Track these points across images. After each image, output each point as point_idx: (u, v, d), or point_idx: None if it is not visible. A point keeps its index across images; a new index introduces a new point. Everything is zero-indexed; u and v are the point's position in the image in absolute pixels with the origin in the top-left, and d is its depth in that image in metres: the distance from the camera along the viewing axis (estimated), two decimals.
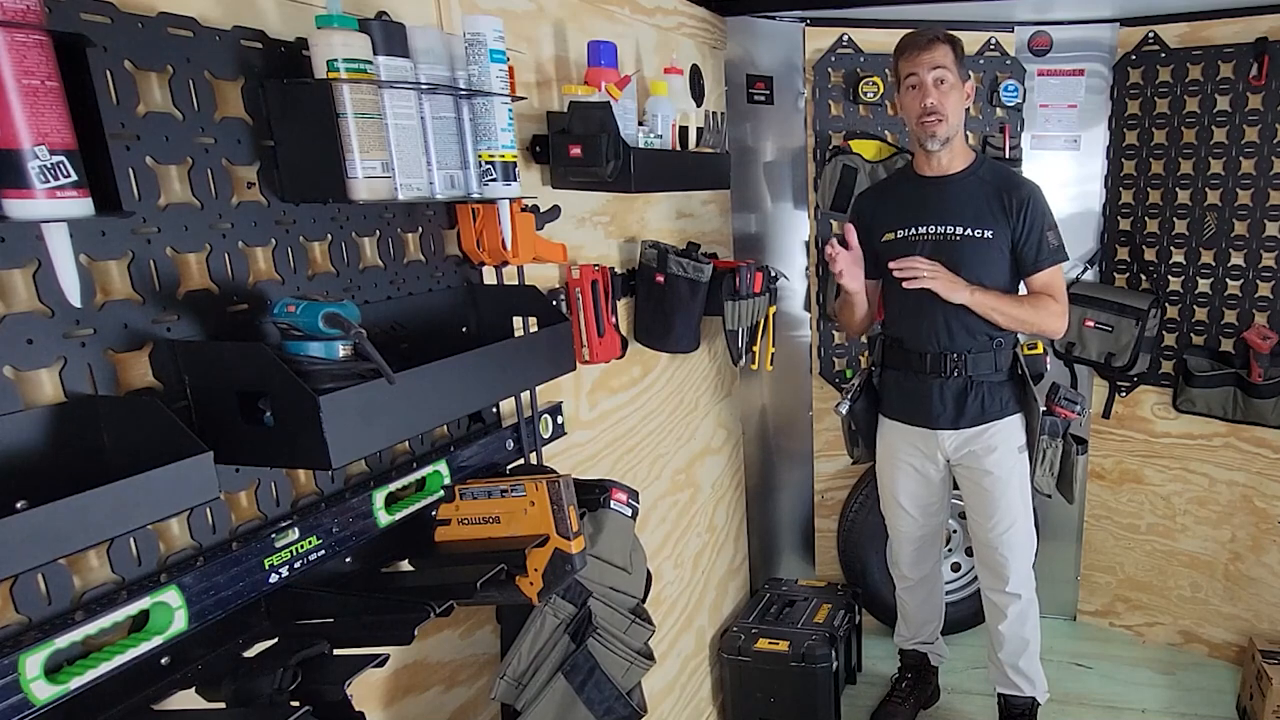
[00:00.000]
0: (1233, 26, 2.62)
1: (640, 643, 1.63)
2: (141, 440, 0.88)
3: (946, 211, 2.20)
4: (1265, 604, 2.91)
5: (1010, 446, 2.32)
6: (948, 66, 2.10)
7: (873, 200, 2.38)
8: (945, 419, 2.30)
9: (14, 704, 0.84)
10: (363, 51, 1.08)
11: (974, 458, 2.34)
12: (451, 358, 1.17)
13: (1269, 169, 2.64)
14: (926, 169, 2.24)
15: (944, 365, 2.25)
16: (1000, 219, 2.18)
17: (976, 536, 2.47)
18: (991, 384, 2.27)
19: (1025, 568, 2.44)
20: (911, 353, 2.29)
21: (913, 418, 2.36)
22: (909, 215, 2.23)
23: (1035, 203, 2.19)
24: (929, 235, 2.21)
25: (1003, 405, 2.30)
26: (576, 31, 1.81)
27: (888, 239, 2.26)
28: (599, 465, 1.97)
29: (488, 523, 1.37)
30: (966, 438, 2.32)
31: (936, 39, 2.11)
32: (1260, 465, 2.84)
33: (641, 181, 1.77)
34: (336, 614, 1.16)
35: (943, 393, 2.27)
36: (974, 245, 2.18)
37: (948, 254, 2.18)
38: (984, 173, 2.23)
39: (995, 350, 2.25)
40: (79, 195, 0.81)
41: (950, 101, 2.12)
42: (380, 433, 1.05)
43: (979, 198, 2.20)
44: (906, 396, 2.35)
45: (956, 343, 2.23)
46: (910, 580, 2.63)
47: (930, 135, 2.14)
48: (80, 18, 0.89)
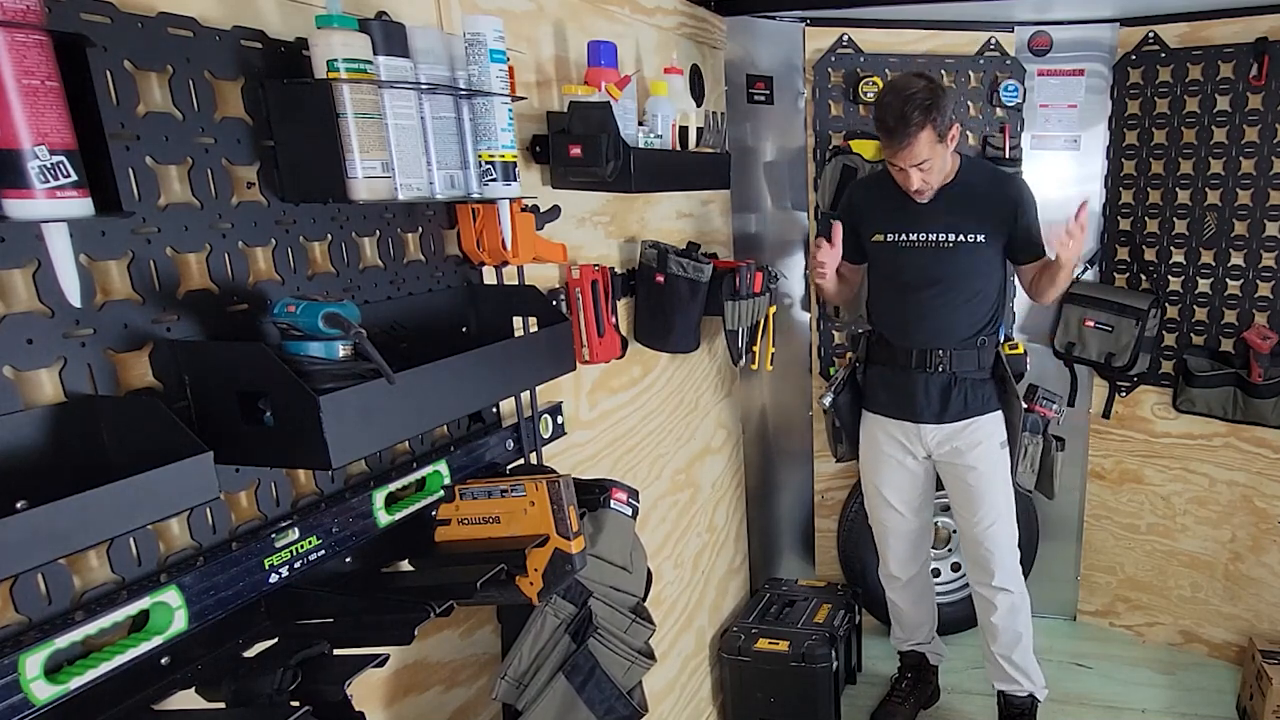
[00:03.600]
0: (1233, 26, 2.62)
1: (641, 642, 1.63)
2: (141, 440, 0.88)
3: (937, 220, 2.25)
4: (1265, 604, 2.91)
5: (993, 442, 2.38)
6: (928, 155, 2.07)
7: (866, 194, 2.40)
8: (929, 413, 2.34)
9: (14, 704, 0.84)
10: (363, 51, 1.08)
11: (957, 454, 2.38)
12: (451, 358, 1.17)
13: (1269, 169, 2.64)
14: None
15: (929, 361, 2.30)
16: (992, 221, 2.24)
17: (962, 532, 2.53)
18: (974, 380, 2.33)
19: (1011, 561, 2.48)
20: (897, 348, 2.34)
21: (897, 411, 2.40)
22: (900, 221, 2.27)
23: (1025, 199, 2.27)
24: (920, 242, 2.26)
25: (985, 401, 2.35)
26: (576, 31, 1.81)
27: (877, 239, 2.32)
28: (599, 465, 1.97)
29: (488, 523, 1.37)
30: (949, 433, 2.36)
31: (911, 134, 2.00)
32: (1260, 465, 2.84)
33: (641, 181, 1.77)
34: (336, 614, 1.16)
35: (927, 387, 2.32)
36: (965, 250, 2.24)
37: (938, 259, 2.25)
38: (971, 176, 2.27)
39: (979, 348, 2.31)
40: (79, 195, 0.81)
41: (935, 171, 2.13)
42: (380, 433, 1.05)
43: (969, 203, 2.24)
44: (891, 391, 2.40)
45: (942, 339, 2.28)
46: (899, 581, 2.63)
47: (919, 198, 2.20)
48: (80, 18, 0.89)
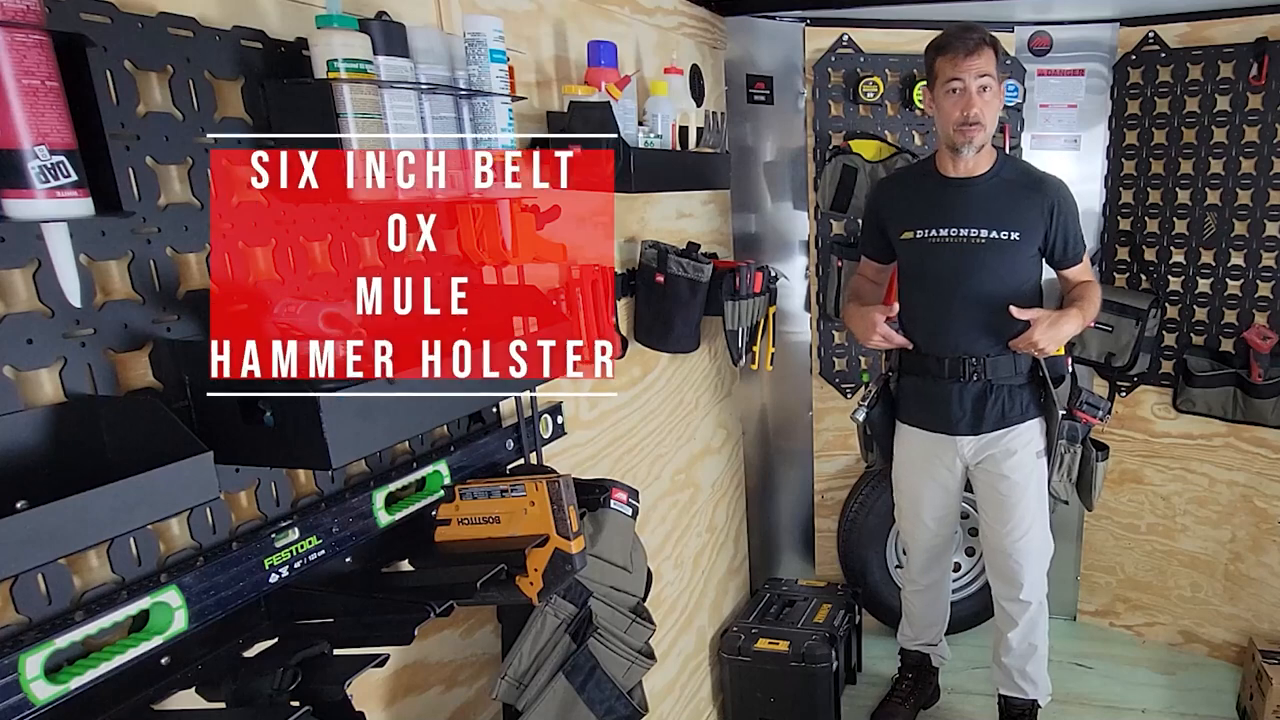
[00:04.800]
0: (1233, 26, 2.62)
1: (641, 642, 1.63)
2: (141, 440, 0.88)
3: (970, 214, 2.15)
4: (1265, 604, 2.91)
5: (1029, 451, 2.28)
6: (992, 74, 2.02)
7: (893, 192, 2.32)
8: (964, 424, 2.26)
9: (14, 704, 0.84)
10: (363, 51, 1.08)
11: (992, 462, 2.30)
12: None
13: (1269, 169, 2.63)
14: (951, 170, 2.18)
15: (963, 369, 2.20)
16: (1029, 220, 2.15)
17: (990, 543, 2.43)
18: (1011, 388, 2.23)
19: (1039, 574, 2.41)
20: (929, 358, 2.24)
21: (931, 424, 2.32)
22: (931, 216, 2.18)
23: (1064, 200, 2.18)
24: (951, 238, 2.16)
25: (1023, 409, 2.25)
26: (576, 31, 1.80)
27: (907, 237, 2.22)
28: (599, 465, 1.97)
29: (488, 523, 1.37)
30: (985, 443, 2.28)
31: (983, 42, 2.00)
32: (1260, 465, 2.83)
33: (641, 181, 1.77)
34: (336, 614, 1.16)
35: (961, 397, 2.23)
36: (999, 247, 2.14)
37: (970, 256, 2.15)
38: (1007, 173, 2.19)
39: (1014, 353, 2.19)
40: (79, 195, 0.81)
41: (991, 109, 2.06)
42: (380, 433, 1.05)
43: (1004, 199, 2.15)
44: (925, 402, 2.31)
45: (976, 346, 2.19)
46: (919, 585, 2.62)
47: (968, 142, 2.07)
48: (80, 18, 0.89)
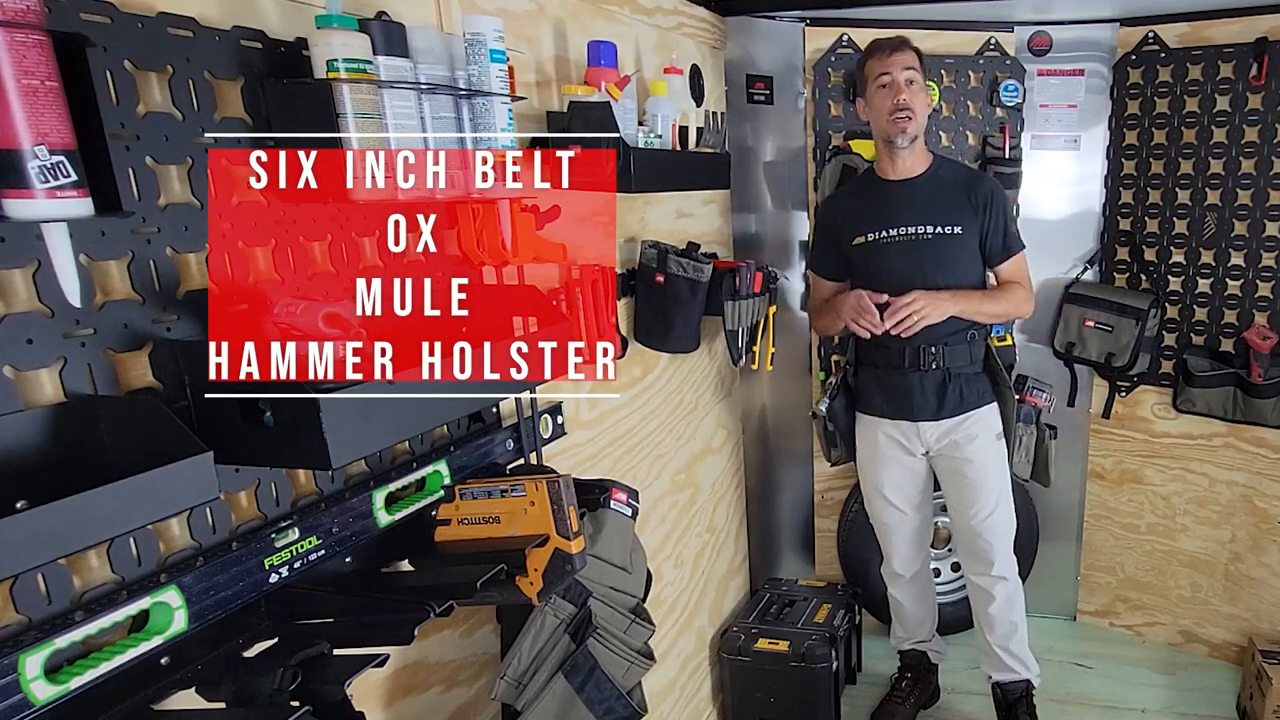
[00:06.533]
0: (1233, 26, 2.62)
1: (640, 642, 1.63)
2: (141, 440, 0.88)
3: (915, 212, 2.28)
4: (1265, 604, 2.91)
5: (989, 434, 2.41)
6: (916, 69, 2.22)
7: (841, 204, 2.46)
8: (927, 411, 2.36)
9: (14, 704, 0.84)
10: (363, 51, 1.08)
11: (955, 447, 2.40)
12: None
13: (1269, 169, 2.63)
14: (891, 173, 2.32)
15: (922, 359, 2.32)
16: (967, 214, 2.28)
17: (958, 525, 2.54)
18: (968, 375, 2.36)
19: (1007, 551, 2.51)
20: (890, 349, 2.34)
21: (894, 411, 2.42)
22: (879, 219, 2.30)
23: (998, 196, 2.31)
24: (900, 236, 2.28)
25: (979, 395, 2.38)
26: (576, 31, 1.81)
27: (859, 242, 2.33)
28: (599, 465, 1.97)
29: (488, 523, 1.37)
30: (947, 428, 2.39)
31: (906, 43, 2.23)
32: (1260, 465, 2.83)
33: (641, 181, 1.77)
34: (336, 614, 1.16)
35: (923, 385, 2.34)
36: (945, 242, 2.27)
37: (920, 253, 2.27)
38: (944, 172, 2.33)
39: (969, 343, 2.34)
40: (79, 195, 0.81)
41: (919, 101, 2.22)
42: (380, 433, 1.05)
43: (944, 196, 2.29)
44: (886, 392, 2.41)
45: (933, 337, 2.30)
46: (903, 578, 2.65)
47: (900, 132, 2.21)
48: (80, 18, 0.89)
